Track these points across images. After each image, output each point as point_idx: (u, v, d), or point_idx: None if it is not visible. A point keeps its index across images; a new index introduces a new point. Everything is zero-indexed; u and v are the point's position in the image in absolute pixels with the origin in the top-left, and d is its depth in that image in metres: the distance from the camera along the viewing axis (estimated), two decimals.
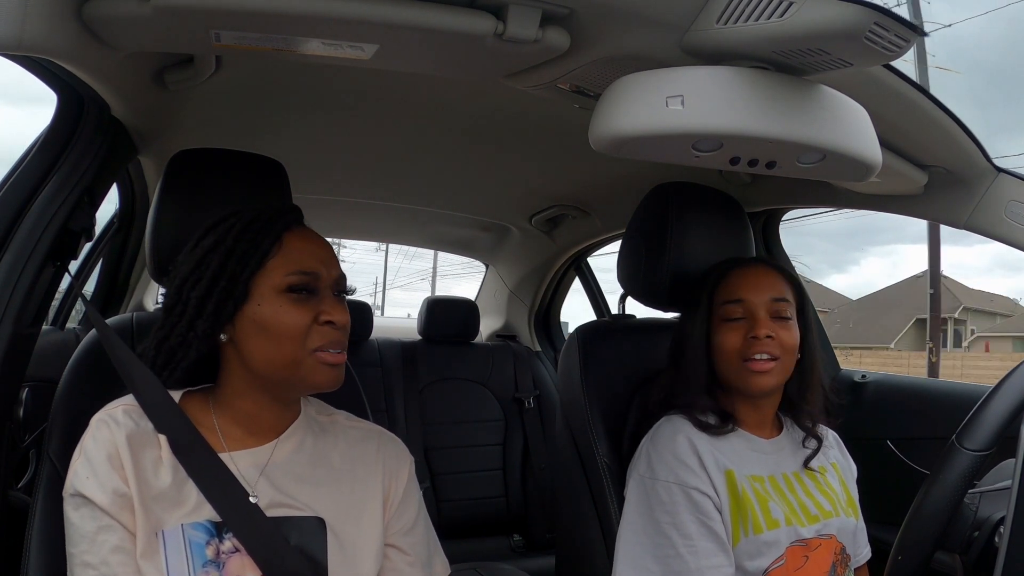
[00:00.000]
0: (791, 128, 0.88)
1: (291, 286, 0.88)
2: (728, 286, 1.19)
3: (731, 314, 1.17)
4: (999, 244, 1.26)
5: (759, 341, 1.13)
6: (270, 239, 0.90)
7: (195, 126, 1.53)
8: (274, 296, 0.88)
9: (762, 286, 1.17)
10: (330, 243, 0.98)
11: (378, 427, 1.04)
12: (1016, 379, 0.94)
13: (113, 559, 0.81)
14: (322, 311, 0.89)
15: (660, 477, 1.11)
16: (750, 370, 1.13)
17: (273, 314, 0.88)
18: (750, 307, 1.16)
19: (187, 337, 0.89)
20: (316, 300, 0.90)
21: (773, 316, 1.15)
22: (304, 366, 0.88)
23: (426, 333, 2.60)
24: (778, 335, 1.14)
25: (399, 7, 0.87)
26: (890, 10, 0.75)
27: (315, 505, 0.91)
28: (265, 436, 0.94)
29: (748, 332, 1.14)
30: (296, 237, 0.92)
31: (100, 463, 0.84)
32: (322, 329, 0.89)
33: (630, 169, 1.69)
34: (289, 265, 0.89)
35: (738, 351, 1.15)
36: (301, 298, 0.89)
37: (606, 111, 0.90)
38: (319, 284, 0.90)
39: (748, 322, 1.15)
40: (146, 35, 0.94)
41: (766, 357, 1.13)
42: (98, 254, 2.13)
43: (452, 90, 1.36)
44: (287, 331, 0.87)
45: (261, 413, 0.93)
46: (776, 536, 1.09)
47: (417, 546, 0.99)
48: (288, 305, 0.88)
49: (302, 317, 0.88)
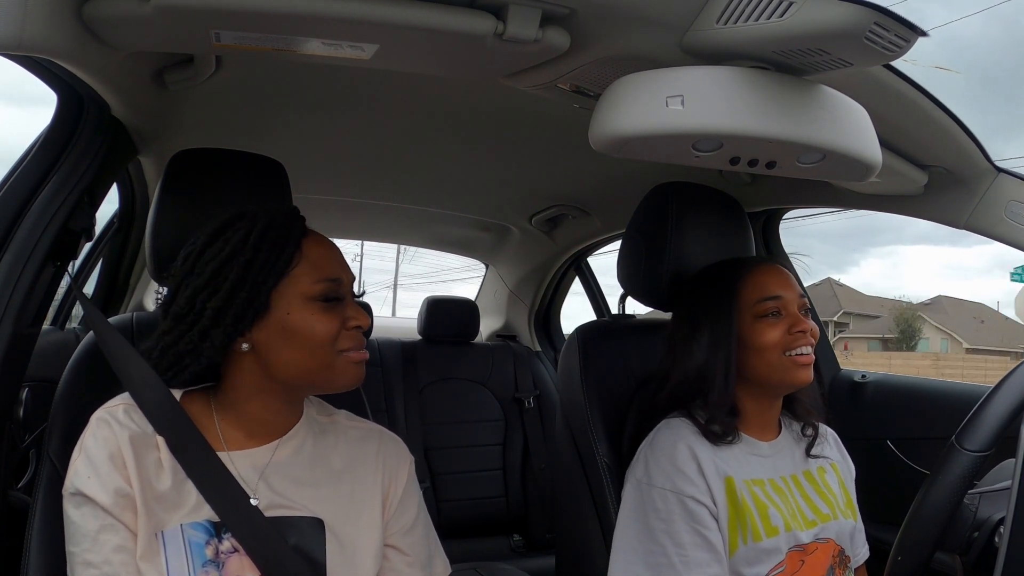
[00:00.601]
0: (791, 128, 0.88)
1: (321, 294, 0.89)
2: (759, 284, 1.19)
3: (767, 310, 1.17)
4: (998, 245, 1.26)
5: (804, 335, 1.15)
6: (291, 247, 0.90)
7: (195, 126, 1.53)
8: (303, 304, 0.89)
9: (788, 283, 1.19)
10: (343, 245, 1.00)
11: (378, 427, 1.04)
12: (1015, 380, 0.94)
13: (115, 559, 0.81)
14: (349, 316, 0.91)
15: (657, 484, 1.11)
16: (796, 363, 1.15)
17: (304, 322, 0.88)
18: (786, 303, 1.17)
19: (199, 346, 0.88)
20: (342, 306, 0.91)
21: (802, 311, 1.18)
22: (335, 369, 0.90)
23: (426, 333, 2.60)
24: (812, 329, 1.17)
25: (399, 7, 0.87)
26: (890, 10, 0.75)
27: (314, 506, 0.91)
28: (266, 438, 0.94)
29: (791, 326, 1.15)
30: (314, 243, 0.93)
31: (102, 462, 0.83)
32: (350, 333, 0.91)
33: (630, 169, 1.69)
34: (316, 273, 0.90)
35: (780, 345, 1.15)
36: (330, 305, 0.90)
37: (606, 111, 0.90)
38: (343, 289, 0.92)
39: (787, 318, 1.16)
40: (146, 35, 0.93)
41: (808, 351, 1.15)
42: (98, 254, 2.13)
43: (452, 90, 1.36)
44: (321, 338, 0.88)
45: (268, 416, 0.93)
46: (776, 543, 1.09)
47: (416, 546, 0.99)
48: (320, 313, 0.89)
49: (332, 324, 0.89)
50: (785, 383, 1.16)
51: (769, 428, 1.21)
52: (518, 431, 2.50)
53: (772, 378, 1.16)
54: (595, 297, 2.83)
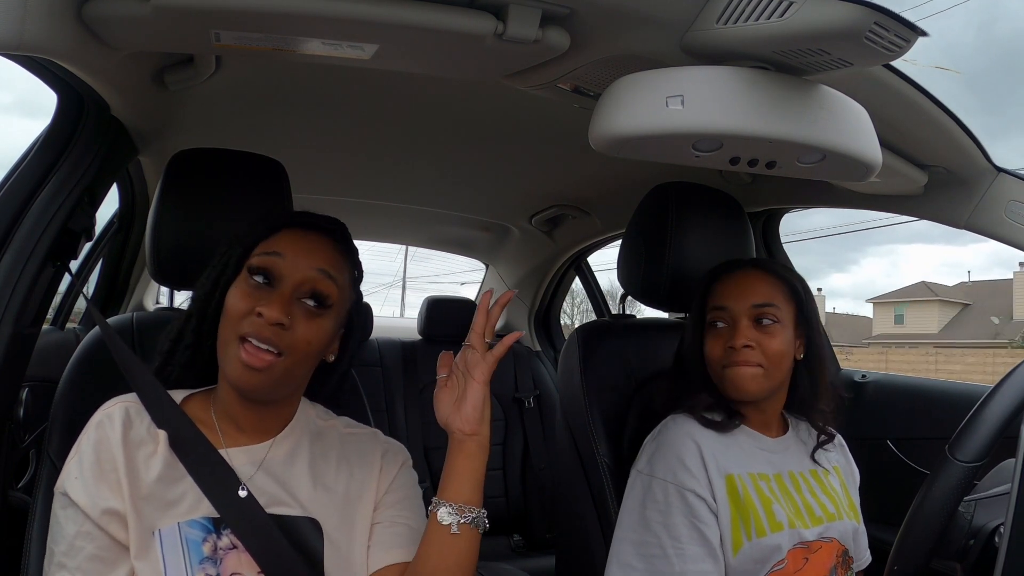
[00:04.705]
0: (791, 128, 0.88)
1: (257, 266, 0.90)
2: (715, 292, 1.19)
3: (715, 320, 1.17)
4: (995, 243, 1.26)
5: (735, 351, 1.12)
6: (270, 226, 0.94)
7: (195, 126, 1.53)
8: (242, 278, 0.91)
9: (745, 292, 1.15)
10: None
11: (376, 431, 1.03)
12: (1008, 387, 0.93)
13: (89, 567, 0.81)
14: (265, 303, 0.88)
15: (658, 475, 1.11)
16: (730, 379, 1.13)
17: (231, 293, 0.90)
18: (732, 314, 1.15)
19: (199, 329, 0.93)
20: (270, 293, 0.90)
21: (756, 323, 1.14)
22: (227, 353, 0.87)
23: (426, 333, 2.60)
24: (760, 343, 1.12)
25: (399, 7, 0.87)
26: (890, 10, 0.75)
27: (310, 507, 0.91)
28: (260, 435, 0.93)
29: (727, 341, 1.14)
30: (297, 232, 0.94)
31: (90, 466, 0.84)
32: (255, 321, 0.86)
33: (630, 169, 1.69)
34: (264, 246, 0.92)
35: (719, 359, 1.15)
36: (258, 286, 0.90)
37: (606, 111, 0.90)
38: (280, 272, 0.91)
39: (729, 330, 1.15)
40: (146, 35, 0.94)
41: (739, 369, 1.12)
42: (98, 254, 2.13)
43: (452, 90, 1.36)
44: (230, 311, 0.88)
45: (250, 412, 0.92)
46: (779, 539, 1.09)
47: (399, 518, 0.96)
48: (243, 288, 0.90)
49: (246, 302, 0.88)
50: (729, 397, 1.16)
51: (770, 425, 1.21)
52: (518, 431, 2.50)
53: (721, 390, 1.17)
54: (595, 297, 2.83)
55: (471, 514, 0.88)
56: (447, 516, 0.87)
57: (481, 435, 0.90)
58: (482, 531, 0.89)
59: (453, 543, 0.87)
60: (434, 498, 0.90)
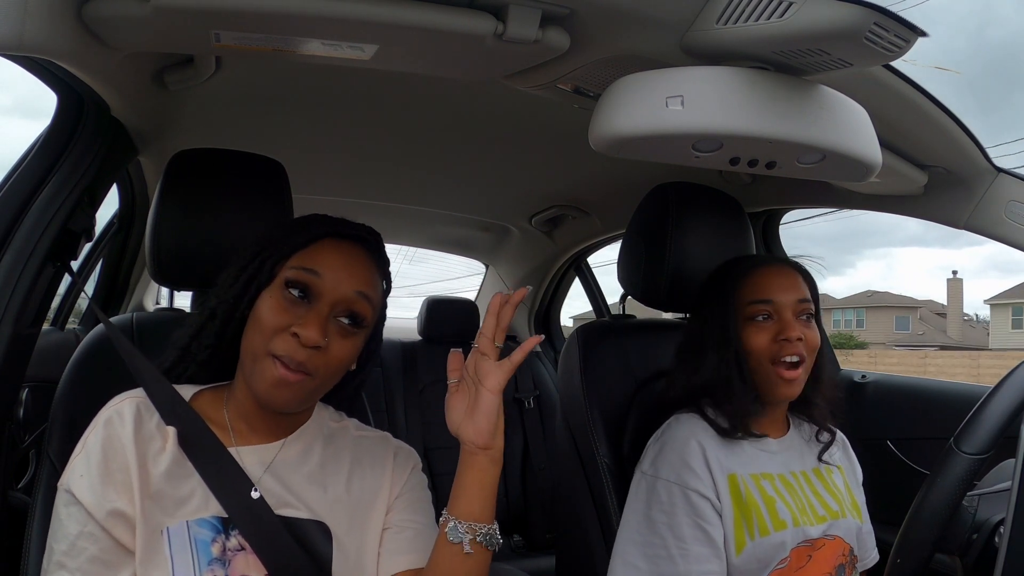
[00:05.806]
0: (791, 128, 0.88)
1: (293, 280, 0.89)
2: (754, 285, 1.17)
3: (757, 313, 1.15)
4: (990, 247, 1.26)
5: (790, 343, 1.12)
6: (308, 236, 0.93)
7: (195, 126, 1.53)
8: (276, 289, 0.90)
9: (788, 286, 1.16)
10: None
11: (386, 435, 1.02)
12: (1013, 382, 0.94)
13: (90, 569, 0.80)
14: (300, 323, 0.88)
15: (662, 476, 1.11)
16: (781, 377, 1.12)
17: (264, 304, 0.89)
18: (778, 308, 1.14)
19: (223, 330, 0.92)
20: (306, 310, 0.89)
21: (799, 317, 1.14)
22: (256, 366, 0.87)
23: (426, 333, 2.60)
24: (806, 336, 1.13)
25: (399, 7, 0.87)
26: (890, 10, 0.75)
27: (319, 510, 0.90)
28: (272, 435, 0.92)
29: (778, 334, 1.13)
30: (331, 245, 0.94)
31: (97, 465, 0.82)
32: (287, 340, 0.86)
33: (630, 169, 1.69)
34: (302, 260, 0.91)
35: (767, 352, 1.13)
36: (295, 302, 0.89)
37: (606, 111, 0.90)
38: (319, 291, 0.90)
39: (777, 323, 1.14)
40: (146, 35, 0.93)
41: (795, 360, 1.12)
42: (98, 254, 2.13)
43: (452, 90, 1.36)
44: (263, 325, 0.87)
45: (266, 412, 0.91)
46: (782, 537, 1.09)
47: (409, 522, 0.95)
48: (279, 301, 0.89)
49: (281, 318, 0.88)
50: (769, 396, 1.15)
51: (776, 426, 1.21)
52: (518, 431, 2.50)
53: (761, 387, 1.15)
54: (595, 297, 2.83)
55: (482, 531, 0.85)
56: (457, 534, 0.85)
57: (494, 448, 0.86)
58: (495, 549, 0.86)
59: (463, 562, 0.85)
60: (444, 511, 0.87)
